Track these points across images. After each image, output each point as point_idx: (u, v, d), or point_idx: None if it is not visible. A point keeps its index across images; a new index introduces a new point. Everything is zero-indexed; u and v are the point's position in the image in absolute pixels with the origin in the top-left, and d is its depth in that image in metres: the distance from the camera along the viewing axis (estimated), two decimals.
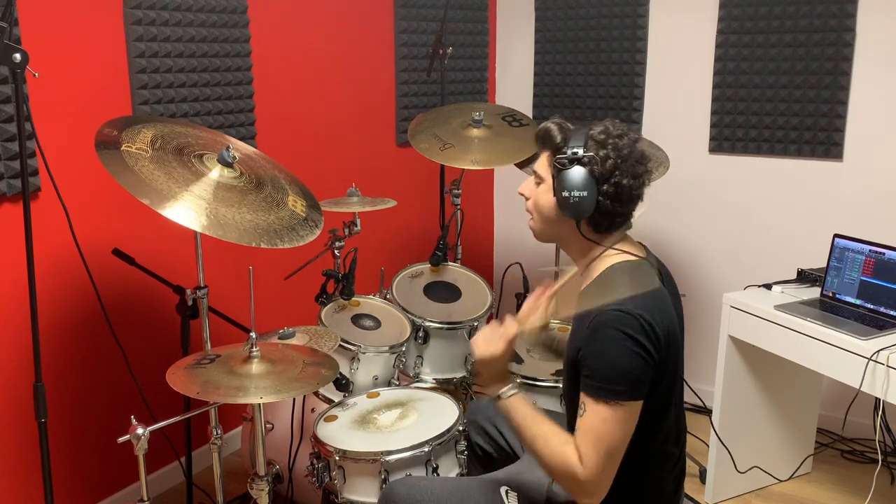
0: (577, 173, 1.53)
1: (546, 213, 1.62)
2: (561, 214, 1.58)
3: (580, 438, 1.47)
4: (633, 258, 1.59)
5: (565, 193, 1.54)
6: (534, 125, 2.85)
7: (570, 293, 1.74)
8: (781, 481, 2.78)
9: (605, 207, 1.54)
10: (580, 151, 1.53)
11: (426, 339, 2.54)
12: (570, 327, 1.63)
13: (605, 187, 1.53)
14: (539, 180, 1.64)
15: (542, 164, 1.63)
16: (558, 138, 1.59)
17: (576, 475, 1.46)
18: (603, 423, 1.45)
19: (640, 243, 1.67)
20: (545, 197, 1.61)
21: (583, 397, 1.49)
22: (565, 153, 1.55)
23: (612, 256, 1.60)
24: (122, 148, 1.79)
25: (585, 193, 1.52)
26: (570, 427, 1.66)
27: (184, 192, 1.76)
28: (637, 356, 1.45)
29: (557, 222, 1.61)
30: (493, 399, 1.60)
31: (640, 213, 1.63)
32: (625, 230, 1.62)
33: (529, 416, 1.56)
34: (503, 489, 1.67)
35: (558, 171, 1.56)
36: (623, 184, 1.53)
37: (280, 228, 1.85)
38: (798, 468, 2.81)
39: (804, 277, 2.63)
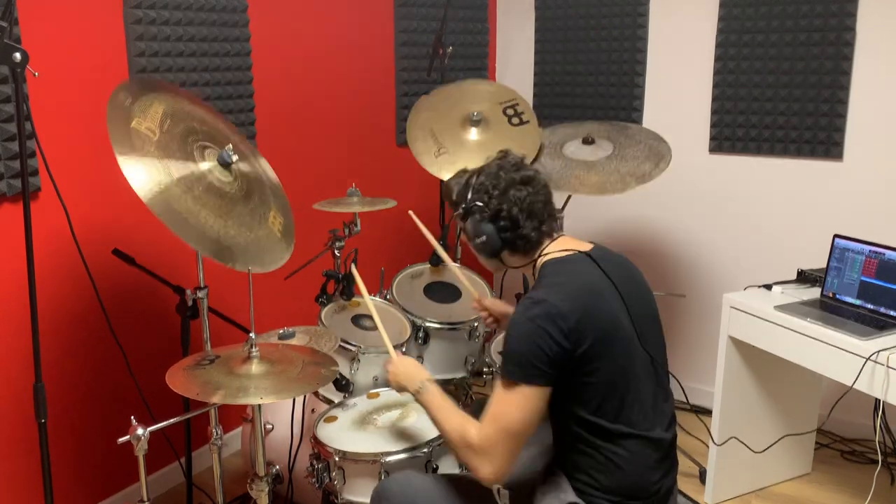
0: (471, 224, 1.73)
1: (478, 254, 1.80)
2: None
3: (484, 417, 1.59)
4: (561, 254, 1.69)
5: (474, 242, 1.74)
6: (534, 122, 2.84)
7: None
8: (781, 481, 2.78)
9: (511, 237, 1.70)
10: (465, 205, 1.72)
11: (426, 340, 2.54)
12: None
13: (500, 223, 1.69)
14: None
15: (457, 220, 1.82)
16: (453, 196, 1.78)
17: (471, 446, 1.57)
18: (500, 402, 1.57)
19: (588, 242, 1.76)
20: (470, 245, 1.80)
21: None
22: (458, 210, 1.75)
23: (547, 257, 1.71)
24: (132, 125, 1.79)
25: (485, 237, 1.71)
26: (554, 429, 1.69)
27: (184, 193, 1.76)
28: (535, 342, 1.53)
29: (489, 261, 1.79)
30: (413, 395, 1.77)
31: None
32: (551, 236, 1.74)
33: (437, 405, 1.70)
34: (495, 487, 1.68)
35: (463, 223, 1.75)
36: (514, 213, 1.68)
37: (256, 251, 1.87)
38: (798, 468, 2.81)
39: (804, 278, 2.63)
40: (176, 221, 1.74)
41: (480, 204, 1.70)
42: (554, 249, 1.71)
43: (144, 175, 1.73)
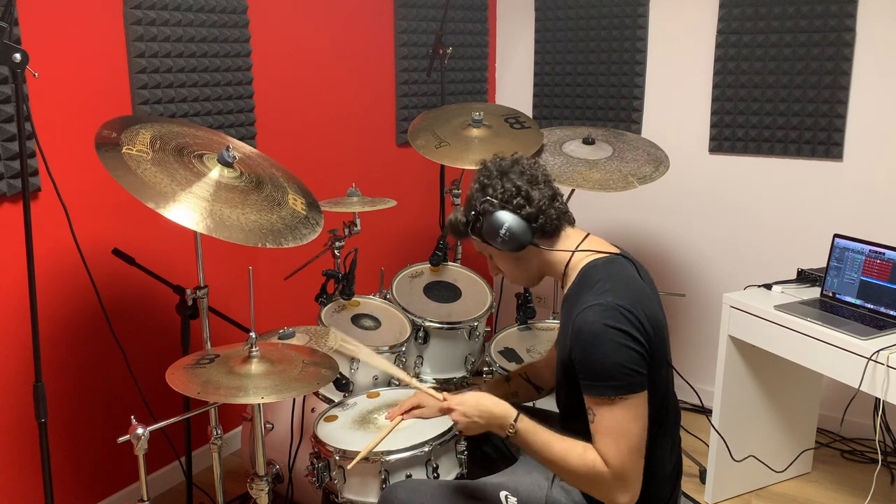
0: (489, 222, 1.65)
1: (514, 265, 1.73)
2: (517, 254, 1.68)
3: (599, 442, 1.51)
4: (605, 255, 1.65)
5: (499, 240, 1.65)
6: (535, 127, 2.85)
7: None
8: (781, 481, 2.78)
9: (532, 215, 1.64)
10: (475, 210, 1.67)
11: (426, 339, 2.54)
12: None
13: (514, 203, 1.64)
14: (488, 256, 1.77)
15: (477, 246, 1.76)
16: (463, 220, 1.73)
17: (605, 478, 1.50)
18: (615, 421, 1.49)
19: (613, 245, 1.73)
20: (501, 258, 1.73)
21: (587, 402, 1.53)
22: (470, 226, 1.70)
23: (586, 258, 1.66)
24: (123, 150, 1.79)
25: (507, 222, 1.64)
26: (565, 422, 1.68)
27: (187, 195, 1.76)
28: (624, 347, 1.48)
29: (526, 262, 1.72)
30: (505, 439, 1.62)
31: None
32: (575, 230, 1.72)
33: (540, 442, 1.57)
34: (503, 493, 1.67)
35: (481, 236, 1.69)
36: (521, 188, 1.65)
37: (283, 228, 1.85)
38: (798, 468, 2.81)
39: (804, 277, 2.63)
40: (228, 232, 1.74)
41: (486, 198, 1.66)
42: (590, 248, 1.67)
43: (187, 212, 1.72)
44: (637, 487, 1.52)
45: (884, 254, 2.30)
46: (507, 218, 1.63)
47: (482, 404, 1.62)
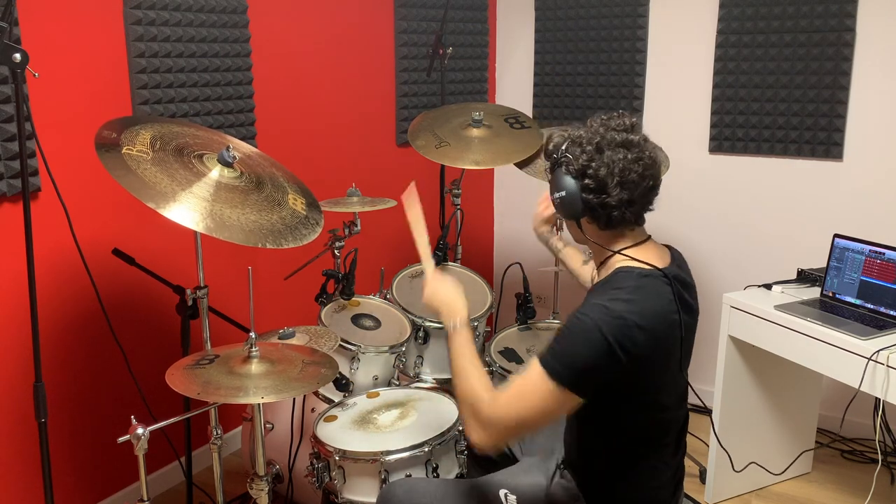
0: (557, 176, 1.57)
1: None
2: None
3: (506, 388, 1.50)
4: (645, 267, 1.55)
5: (552, 197, 1.58)
6: (535, 127, 2.85)
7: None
8: (781, 481, 2.78)
9: (595, 201, 1.52)
10: (556, 155, 1.58)
11: (426, 339, 2.54)
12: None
13: (585, 182, 1.52)
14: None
15: (547, 174, 1.68)
16: (550, 146, 1.62)
17: (479, 409, 1.50)
18: (529, 386, 1.46)
19: (667, 247, 1.68)
20: None
21: (533, 358, 1.50)
22: (548, 161, 1.61)
23: (625, 261, 1.57)
24: (123, 151, 1.79)
25: (564, 193, 1.54)
26: (566, 423, 1.68)
27: (187, 195, 1.76)
28: (596, 353, 1.42)
29: (569, 224, 1.64)
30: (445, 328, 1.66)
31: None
32: (636, 230, 1.61)
33: (468, 353, 1.60)
34: (502, 491, 1.68)
35: (551, 175, 1.60)
36: (601, 174, 1.50)
37: (283, 228, 1.85)
38: (798, 468, 2.82)
39: (804, 277, 2.63)
40: (228, 232, 1.73)
41: (570, 156, 1.53)
42: (636, 255, 1.56)
43: (187, 212, 1.71)
44: (497, 443, 1.51)
45: (884, 254, 2.30)
46: (569, 187, 1.53)
47: (451, 289, 1.72)
